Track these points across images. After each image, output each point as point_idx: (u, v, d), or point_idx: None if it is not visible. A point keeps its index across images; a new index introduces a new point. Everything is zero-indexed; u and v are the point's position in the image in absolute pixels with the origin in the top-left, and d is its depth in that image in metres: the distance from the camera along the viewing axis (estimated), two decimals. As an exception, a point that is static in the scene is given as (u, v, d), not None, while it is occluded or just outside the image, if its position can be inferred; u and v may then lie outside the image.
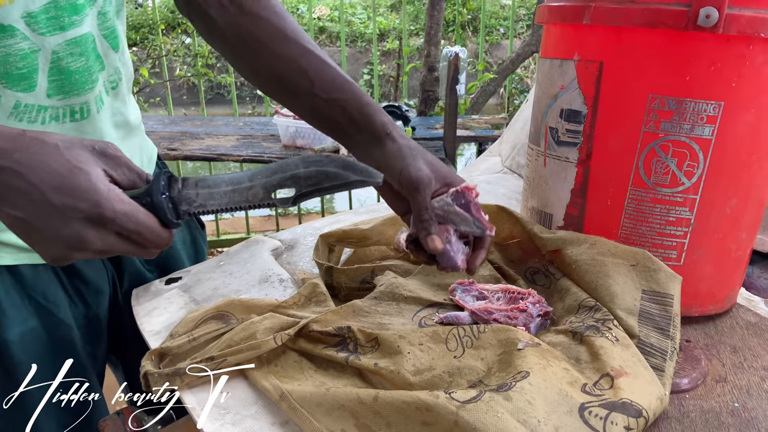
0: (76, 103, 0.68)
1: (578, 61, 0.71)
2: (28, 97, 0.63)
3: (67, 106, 0.67)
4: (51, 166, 0.47)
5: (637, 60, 0.67)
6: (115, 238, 0.51)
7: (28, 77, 0.63)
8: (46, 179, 0.47)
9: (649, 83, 0.67)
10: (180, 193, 0.54)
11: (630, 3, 0.65)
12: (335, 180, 0.53)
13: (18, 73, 0.62)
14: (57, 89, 0.66)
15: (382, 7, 8.61)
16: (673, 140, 0.67)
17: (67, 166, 0.48)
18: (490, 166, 1.30)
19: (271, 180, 0.54)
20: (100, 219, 0.49)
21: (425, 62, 2.45)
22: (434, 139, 2.09)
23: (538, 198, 0.81)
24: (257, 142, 2.07)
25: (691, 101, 0.65)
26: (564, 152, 0.75)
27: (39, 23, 0.61)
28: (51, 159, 0.48)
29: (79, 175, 0.48)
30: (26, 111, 0.64)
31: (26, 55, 0.62)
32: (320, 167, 0.53)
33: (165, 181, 0.53)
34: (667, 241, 0.70)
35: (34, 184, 0.47)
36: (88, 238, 0.49)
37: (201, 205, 0.54)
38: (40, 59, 0.63)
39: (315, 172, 0.53)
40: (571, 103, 0.73)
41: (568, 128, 0.74)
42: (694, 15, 0.62)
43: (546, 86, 0.77)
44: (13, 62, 0.61)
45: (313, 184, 0.53)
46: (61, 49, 0.64)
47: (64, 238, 0.49)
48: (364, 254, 0.87)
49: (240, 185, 0.54)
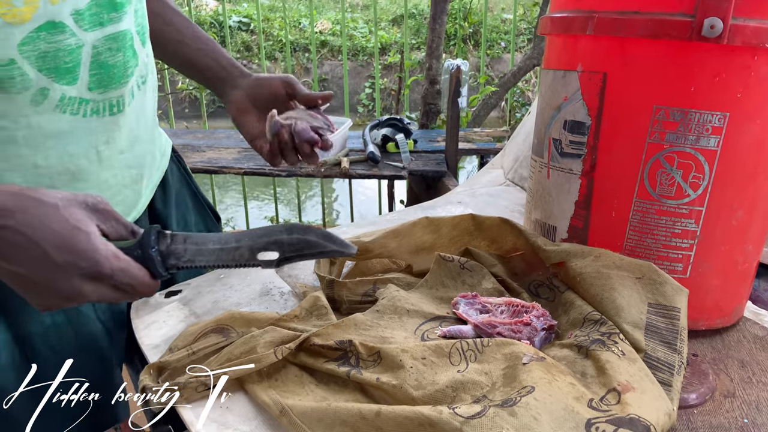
0: (113, 97, 0.72)
1: (581, 72, 0.71)
2: (71, 90, 0.67)
3: (106, 100, 0.72)
4: (52, 227, 0.51)
5: (641, 71, 0.66)
6: (108, 289, 0.56)
7: (73, 71, 0.67)
8: (49, 238, 0.51)
9: (654, 94, 0.66)
10: (169, 247, 0.58)
11: (633, 14, 0.65)
12: (315, 248, 0.59)
13: (65, 67, 0.66)
14: (97, 83, 0.70)
15: (383, 21, 8.66)
16: (678, 151, 0.66)
17: (67, 227, 0.52)
18: (492, 179, 1.30)
19: (257, 243, 0.59)
20: (99, 275, 0.53)
21: (427, 75, 2.46)
22: (436, 152, 2.08)
23: (542, 210, 0.80)
24: (258, 155, 2.07)
25: (696, 112, 0.65)
26: (568, 164, 0.74)
27: (84, 19, 0.66)
28: (51, 219, 0.52)
29: (78, 235, 0.52)
30: (70, 103, 0.68)
31: (72, 50, 0.66)
32: (302, 236, 0.59)
33: (155, 236, 0.58)
34: (672, 254, 0.70)
35: (37, 242, 0.51)
36: (85, 291, 0.54)
37: (189, 260, 0.59)
38: (83, 54, 0.67)
39: (297, 239, 0.59)
40: (574, 114, 0.73)
41: (572, 140, 0.73)
42: (698, 26, 0.61)
43: (549, 98, 0.77)
44: (62, 57, 0.65)
45: (296, 251, 0.59)
46: (100, 44, 0.69)
47: (62, 292, 0.53)
48: (365, 267, 0.86)
49: (227, 245, 0.59)
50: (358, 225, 1.07)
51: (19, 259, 0.51)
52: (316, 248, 0.59)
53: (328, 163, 1.95)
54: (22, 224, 0.51)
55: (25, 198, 0.52)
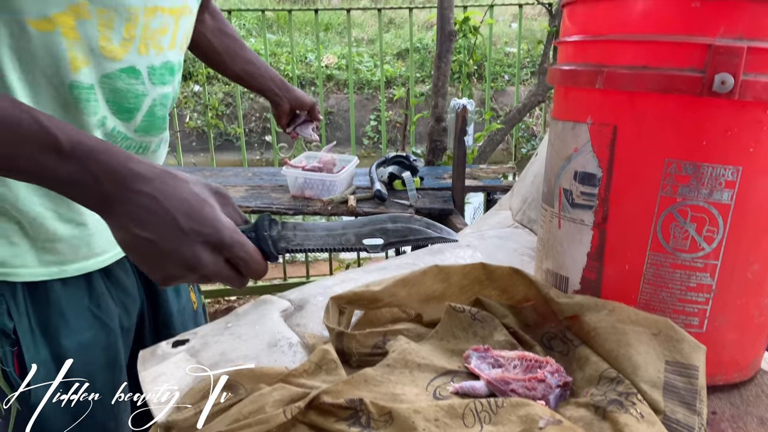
0: (147, 141, 0.83)
1: (591, 124, 0.71)
2: (123, 126, 0.77)
3: (143, 142, 0.82)
4: (182, 195, 0.55)
5: (652, 124, 0.66)
6: (224, 264, 0.58)
7: (132, 112, 0.77)
8: (178, 206, 0.54)
9: (665, 147, 0.66)
10: (280, 233, 0.63)
11: (642, 68, 0.65)
12: (419, 234, 0.64)
13: (127, 106, 0.76)
14: (144, 128, 0.80)
15: (388, 55, 8.78)
16: (691, 205, 0.66)
17: (196, 198, 0.56)
18: (500, 220, 1.29)
19: (363, 230, 0.64)
20: (219, 243, 0.56)
21: (432, 113, 2.48)
22: (443, 189, 2.09)
23: (553, 260, 0.79)
24: (266, 192, 2.08)
25: (708, 166, 0.64)
26: (579, 215, 0.74)
27: (155, 75, 0.78)
28: (183, 190, 0.55)
29: (205, 206, 0.56)
30: (118, 137, 0.77)
31: (138, 96, 0.77)
32: (406, 224, 0.64)
33: (268, 222, 0.62)
34: (688, 308, 0.68)
35: (167, 209, 0.54)
36: (204, 260, 0.56)
37: (298, 244, 0.63)
38: (144, 102, 0.78)
39: (402, 227, 0.64)
40: (585, 165, 0.72)
41: (583, 191, 0.73)
42: (708, 81, 0.62)
43: (559, 148, 0.77)
44: (129, 98, 0.76)
45: (400, 236, 0.64)
46: (157, 98, 0.80)
47: (184, 259, 0.55)
48: (375, 316, 0.85)
49: (333, 231, 0.64)
50: (367, 270, 1.06)
51: (149, 223, 0.54)
52: (420, 234, 0.64)
53: (335, 201, 1.96)
54: (157, 191, 0.54)
55: (160, 170, 0.56)
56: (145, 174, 0.54)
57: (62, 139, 0.53)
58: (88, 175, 0.53)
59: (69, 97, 0.70)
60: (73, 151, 0.53)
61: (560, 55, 0.80)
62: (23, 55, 0.66)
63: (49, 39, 0.66)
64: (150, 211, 0.54)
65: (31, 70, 0.67)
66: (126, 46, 0.72)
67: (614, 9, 0.69)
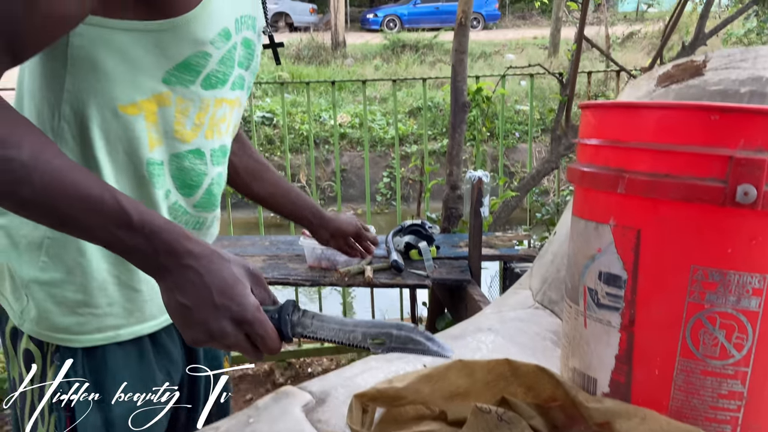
0: (203, 217, 0.91)
1: (614, 226, 0.72)
2: (184, 201, 0.86)
3: (200, 217, 0.90)
4: (222, 274, 0.64)
5: (676, 230, 0.67)
6: (243, 337, 0.66)
7: (193, 188, 0.85)
8: (216, 282, 0.64)
9: (691, 254, 0.66)
10: (299, 319, 0.70)
11: (664, 176, 0.66)
12: (418, 346, 0.70)
13: (190, 183, 0.85)
14: (202, 204, 0.88)
15: (400, 113, 8.96)
16: (719, 312, 0.66)
17: (233, 278, 0.65)
18: (521, 300, 1.29)
19: (370, 330, 0.70)
20: (242, 319, 0.64)
21: (447, 180, 2.51)
22: (459, 258, 2.09)
23: (580, 359, 0.79)
24: (283, 263, 2.09)
25: (734, 273, 0.64)
26: (605, 315, 0.74)
27: (215, 156, 0.87)
28: (223, 269, 0.65)
29: (237, 284, 0.65)
30: (179, 211, 0.85)
31: (200, 174, 0.85)
32: (409, 333, 0.70)
33: (291, 307, 0.70)
34: (720, 415, 0.67)
35: (207, 284, 0.63)
36: (227, 332, 0.64)
37: (312, 332, 0.70)
38: (205, 180, 0.86)
39: (404, 336, 0.70)
40: (609, 267, 0.73)
41: (608, 292, 0.73)
42: (731, 192, 0.62)
43: (581, 246, 0.77)
44: (192, 176, 0.84)
45: (401, 344, 0.70)
46: (215, 178, 0.88)
47: (212, 330, 0.64)
48: (398, 414, 0.84)
49: (345, 327, 0.70)
50: (388, 359, 1.06)
51: (190, 293, 0.63)
52: (419, 345, 0.69)
53: (352, 272, 1.96)
54: (203, 268, 0.64)
55: (210, 250, 0.65)
56: (195, 252, 0.64)
57: (135, 217, 0.63)
58: (151, 248, 0.63)
59: (144, 172, 0.79)
60: (142, 228, 0.63)
61: (580, 154, 0.81)
62: (111, 135, 0.77)
63: (133, 121, 0.76)
64: (193, 283, 0.63)
65: (115, 149, 0.77)
66: (195, 131, 0.82)
67: (632, 116, 0.71)
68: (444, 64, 12.60)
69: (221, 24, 0.77)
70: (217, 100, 0.83)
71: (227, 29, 0.78)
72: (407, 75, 11.71)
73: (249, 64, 0.90)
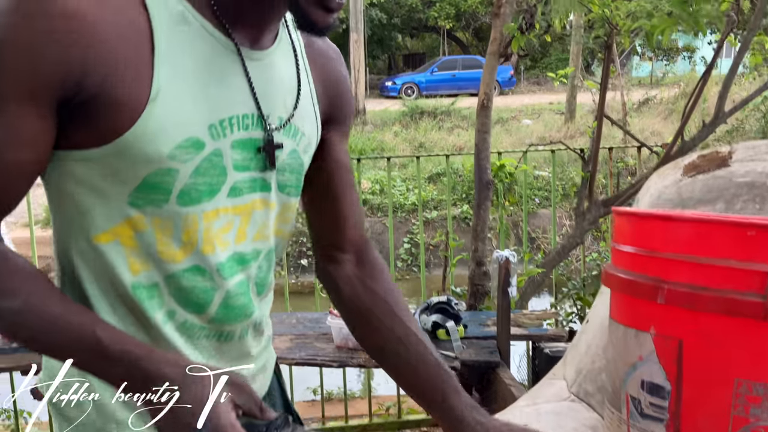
0: (229, 330, 0.84)
1: (655, 335, 0.73)
2: (195, 318, 0.81)
3: (224, 331, 0.84)
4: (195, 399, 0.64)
5: (718, 342, 0.68)
6: None
7: (201, 306, 0.80)
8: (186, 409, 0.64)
9: (734, 367, 0.67)
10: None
11: (703, 289, 0.68)
12: None
13: (196, 301, 0.79)
14: (221, 319, 0.82)
15: (420, 179, 9.07)
16: (765, 426, 0.65)
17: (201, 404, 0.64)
18: (556, 392, 1.27)
19: None
20: None
21: (473, 257, 2.53)
22: (487, 338, 2.08)
23: (625, 469, 0.78)
24: (310, 342, 2.10)
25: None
26: (650, 426, 0.73)
27: (223, 270, 0.79)
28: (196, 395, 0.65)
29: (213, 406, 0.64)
30: (193, 328, 0.81)
31: (205, 291, 0.79)
32: None
33: (282, 419, 0.67)
34: None
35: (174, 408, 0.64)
36: None
37: None
38: (216, 295, 0.80)
39: None
40: (652, 376, 0.73)
41: (652, 402, 0.73)
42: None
43: (622, 352, 0.78)
44: (196, 293, 0.78)
45: None
46: (231, 290, 0.81)
47: None
48: None
49: None
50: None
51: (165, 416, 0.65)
52: None
53: (380, 353, 1.96)
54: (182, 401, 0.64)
55: (185, 376, 0.66)
56: (171, 377, 0.66)
57: (113, 350, 0.67)
58: (129, 375, 0.66)
59: (133, 297, 0.77)
60: (120, 359, 0.66)
61: (615, 258, 0.83)
62: (91, 265, 0.76)
63: (109, 249, 0.75)
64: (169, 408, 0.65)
65: (99, 278, 0.77)
66: (187, 250, 0.76)
67: (668, 227, 0.73)
68: (462, 130, 12.84)
69: (182, 135, 0.71)
70: (206, 214, 0.76)
71: (195, 138, 0.72)
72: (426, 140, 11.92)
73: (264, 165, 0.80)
